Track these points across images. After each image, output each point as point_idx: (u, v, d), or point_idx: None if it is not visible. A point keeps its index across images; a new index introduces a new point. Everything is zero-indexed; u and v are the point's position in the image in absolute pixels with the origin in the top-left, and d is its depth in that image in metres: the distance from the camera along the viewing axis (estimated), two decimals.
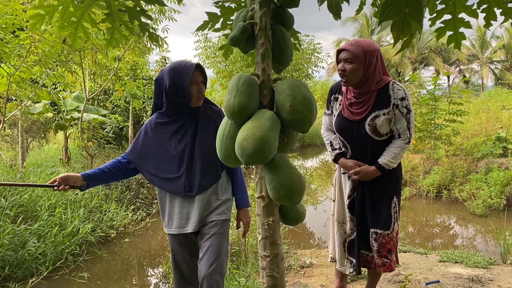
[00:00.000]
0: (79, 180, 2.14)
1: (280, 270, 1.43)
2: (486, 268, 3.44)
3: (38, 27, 1.98)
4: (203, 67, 2.25)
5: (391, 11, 1.36)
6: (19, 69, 5.56)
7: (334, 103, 2.54)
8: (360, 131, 2.37)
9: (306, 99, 1.33)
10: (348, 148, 2.46)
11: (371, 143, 2.38)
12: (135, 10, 1.94)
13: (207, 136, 2.21)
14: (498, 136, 8.86)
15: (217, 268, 2.10)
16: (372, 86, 2.34)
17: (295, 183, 1.32)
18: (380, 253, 2.43)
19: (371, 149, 2.40)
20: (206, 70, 2.26)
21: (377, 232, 2.44)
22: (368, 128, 2.34)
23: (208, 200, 2.21)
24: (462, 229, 6.40)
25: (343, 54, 2.32)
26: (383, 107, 2.34)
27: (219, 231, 2.18)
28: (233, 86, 1.34)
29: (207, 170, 2.19)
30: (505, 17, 1.60)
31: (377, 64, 2.33)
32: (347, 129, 2.42)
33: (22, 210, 5.13)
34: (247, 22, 1.41)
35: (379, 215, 2.43)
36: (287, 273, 3.45)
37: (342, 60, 2.32)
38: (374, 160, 2.39)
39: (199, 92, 2.18)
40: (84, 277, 4.44)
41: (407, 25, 1.37)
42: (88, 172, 2.20)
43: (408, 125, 2.35)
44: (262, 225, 1.42)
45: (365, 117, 2.35)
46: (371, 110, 2.35)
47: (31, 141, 12.40)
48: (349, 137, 2.43)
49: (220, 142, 1.42)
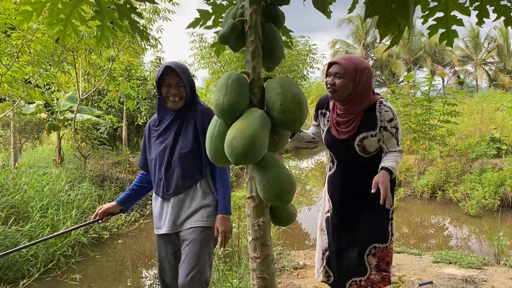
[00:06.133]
0: (116, 207, 2.32)
1: (270, 271, 1.41)
2: (480, 268, 3.44)
3: (25, 24, 1.95)
4: (186, 68, 2.22)
5: (377, 7, 1.34)
6: (11, 69, 5.50)
7: (322, 118, 2.49)
8: (349, 150, 2.33)
9: (296, 97, 1.31)
10: (335, 164, 2.43)
11: (361, 158, 2.35)
12: (125, 8, 1.91)
13: (186, 138, 2.20)
14: (492, 137, 8.90)
15: (195, 277, 2.09)
16: (359, 104, 2.28)
17: (285, 183, 1.30)
18: (379, 267, 2.36)
19: (360, 163, 2.36)
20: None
21: (376, 247, 2.36)
22: (358, 148, 2.31)
23: (182, 203, 2.21)
24: (457, 230, 6.41)
25: (334, 68, 2.27)
26: (370, 129, 2.28)
27: (198, 237, 2.16)
28: (222, 84, 1.32)
29: (183, 173, 2.19)
30: (498, 15, 1.59)
31: (366, 83, 2.28)
32: (336, 147, 2.40)
33: (14, 211, 5.07)
34: (237, 20, 1.38)
35: (376, 229, 2.36)
36: (280, 274, 3.42)
37: (332, 74, 2.27)
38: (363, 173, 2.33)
39: (168, 95, 2.16)
40: (76, 278, 4.39)
41: (394, 21, 1.34)
42: (121, 197, 2.37)
43: (398, 142, 2.31)
44: (252, 226, 1.40)
45: (352, 137, 2.31)
46: (357, 130, 2.30)
47: (25, 141, 12.30)
48: (338, 155, 2.41)
49: (210, 142, 1.39)
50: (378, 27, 1.36)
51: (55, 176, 6.66)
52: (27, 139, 12.33)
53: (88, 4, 1.89)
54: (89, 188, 6.73)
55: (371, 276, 2.38)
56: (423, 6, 1.64)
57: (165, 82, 2.15)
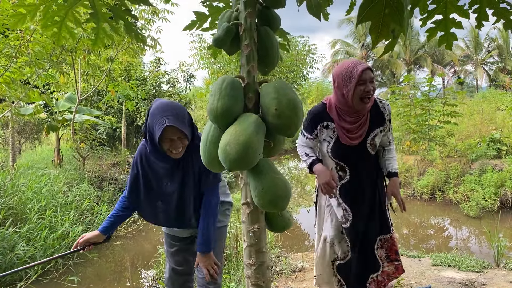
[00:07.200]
0: (100, 237, 2.20)
1: (265, 279, 1.39)
2: (480, 272, 3.41)
3: (19, 26, 1.93)
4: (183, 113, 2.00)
5: (370, 12, 1.31)
6: (9, 69, 5.48)
7: (324, 130, 2.38)
8: (362, 153, 2.35)
9: (292, 102, 1.28)
10: (347, 171, 2.40)
11: (371, 157, 2.40)
12: (120, 10, 1.89)
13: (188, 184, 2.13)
14: (492, 138, 8.86)
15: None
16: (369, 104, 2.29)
17: (280, 189, 1.28)
18: (389, 258, 2.44)
19: (370, 161, 2.42)
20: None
21: (381, 238, 2.44)
22: (370, 148, 2.36)
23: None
24: (456, 231, 6.39)
25: (369, 74, 2.16)
26: (379, 125, 2.36)
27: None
28: (216, 88, 1.30)
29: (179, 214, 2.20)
30: (497, 18, 1.57)
31: None
32: (348, 155, 2.37)
33: (11, 212, 5.05)
34: (232, 23, 1.36)
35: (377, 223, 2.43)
36: (278, 277, 3.40)
37: (369, 80, 2.16)
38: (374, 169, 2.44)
39: (171, 148, 1.98)
40: (74, 281, 4.37)
41: (387, 28, 1.31)
42: (104, 225, 2.25)
43: (391, 131, 2.48)
44: (247, 233, 1.37)
45: (364, 139, 2.33)
46: (368, 130, 2.33)
47: (24, 142, 12.29)
48: (350, 162, 2.39)
49: (204, 147, 1.37)
50: (370, 33, 1.34)
51: (54, 177, 6.64)
52: (26, 140, 12.32)
53: (83, 6, 1.87)
54: (88, 189, 6.71)
55: (384, 269, 2.46)
56: (421, 9, 1.62)
57: (165, 139, 1.96)
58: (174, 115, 1.94)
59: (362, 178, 2.40)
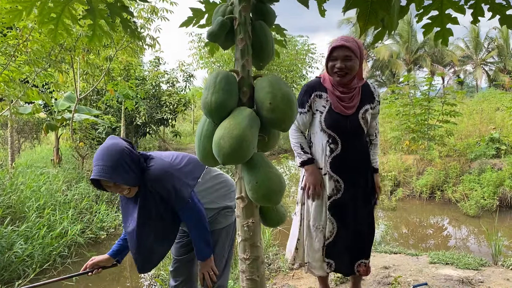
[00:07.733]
0: (109, 261, 2.22)
1: (260, 273, 1.38)
2: (477, 269, 3.41)
3: (15, 22, 1.93)
4: (115, 170, 1.88)
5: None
6: (7, 68, 5.47)
7: (318, 100, 2.46)
8: (354, 124, 2.41)
9: (286, 96, 1.28)
10: (339, 143, 2.42)
11: (362, 133, 2.46)
12: (116, 6, 1.88)
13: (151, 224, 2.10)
14: (492, 137, 8.86)
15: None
16: (359, 78, 2.43)
17: (274, 183, 1.27)
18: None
19: (361, 138, 2.48)
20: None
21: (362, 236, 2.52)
22: (362, 121, 2.42)
23: None
24: (455, 230, 6.39)
25: (342, 51, 2.29)
26: (369, 102, 2.47)
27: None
28: (210, 82, 1.30)
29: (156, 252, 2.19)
30: (493, 13, 1.57)
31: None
32: (341, 124, 2.41)
33: (10, 211, 5.05)
34: (226, 17, 1.36)
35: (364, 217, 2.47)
36: (275, 275, 3.40)
37: (340, 58, 2.30)
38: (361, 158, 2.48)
39: (118, 192, 1.99)
40: (72, 279, 4.36)
41: (374, 15, 1.30)
42: (114, 248, 2.25)
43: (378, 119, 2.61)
44: (242, 227, 1.37)
45: (357, 110, 2.42)
46: (360, 104, 2.43)
47: (23, 141, 12.29)
48: (343, 132, 2.41)
49: (198, 141, 1.37)
50: (358, 20, 1.33)
51: (52, 176, 6.64)
52: (26, 139, 12.32)
53: (80, 3, 1.87)
54: (87, 188, 6.71)
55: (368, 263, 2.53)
56: (417, 5, 1.61)
57: (104, 186, 1.97)
58: (100, 166, 1.88)
59: (354, 150, 2.44)
